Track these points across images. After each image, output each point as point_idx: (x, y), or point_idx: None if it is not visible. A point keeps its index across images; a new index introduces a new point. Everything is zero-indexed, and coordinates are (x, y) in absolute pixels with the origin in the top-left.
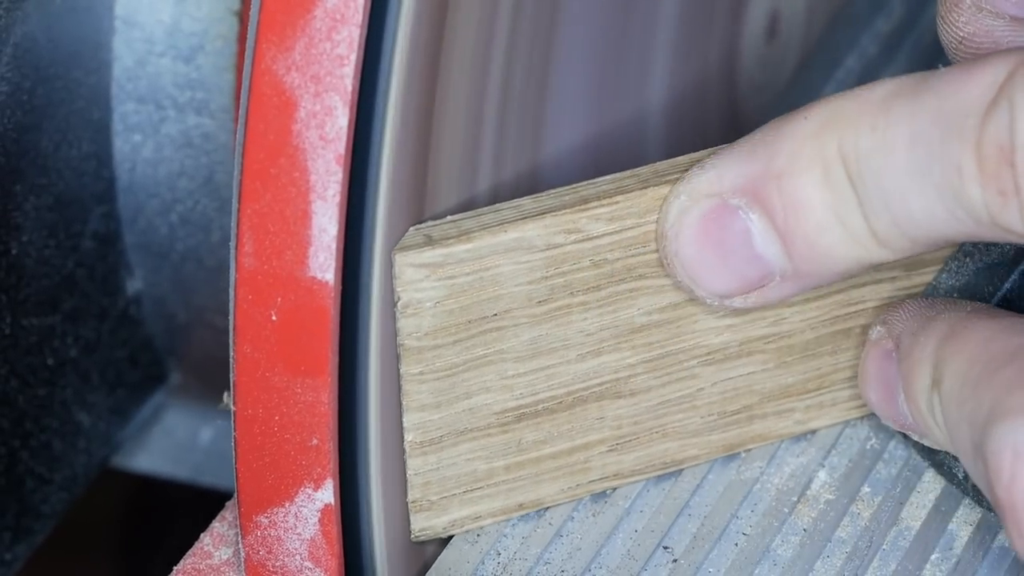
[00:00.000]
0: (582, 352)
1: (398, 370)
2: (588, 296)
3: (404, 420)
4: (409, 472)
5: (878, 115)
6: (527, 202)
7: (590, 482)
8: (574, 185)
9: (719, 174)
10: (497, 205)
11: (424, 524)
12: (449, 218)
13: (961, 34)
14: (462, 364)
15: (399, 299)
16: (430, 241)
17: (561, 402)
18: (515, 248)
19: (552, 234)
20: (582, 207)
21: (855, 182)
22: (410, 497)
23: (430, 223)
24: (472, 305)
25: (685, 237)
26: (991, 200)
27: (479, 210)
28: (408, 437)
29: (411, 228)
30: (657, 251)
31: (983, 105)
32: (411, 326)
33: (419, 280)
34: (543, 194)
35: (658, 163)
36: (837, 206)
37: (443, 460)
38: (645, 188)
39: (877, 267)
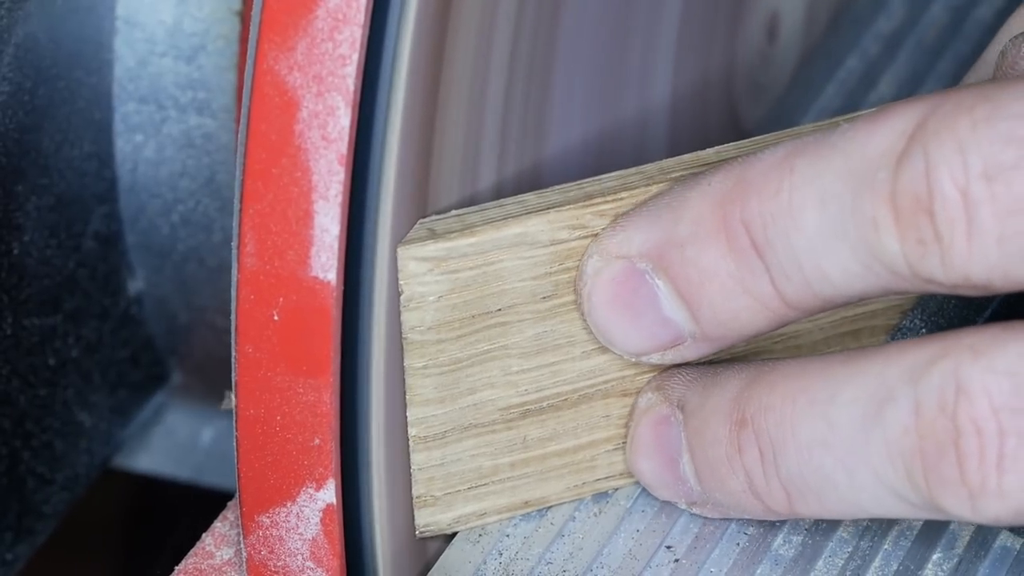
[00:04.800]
0: (587, 349)
1: (402, 364)
2: None
3: (408, 414)
4: (413, 467)
5: (782, 178)
6: (531, 197)
7: (596, 480)
8: (579, 181)
9: (628, 236)
10: (501, 200)
11: (428, 520)
12: (453, 212)
13: None
14: (466, 359)
15: (402, 292)
16: (433, 235)
17: (566, 399)
18: (519, 243)
19: (556, 230)
20: (587, 203)
21: (761, 249)
22: (415, 492)
23: (434, 217)
24: (476, 300)
25: (597, 298)
26: (910, 251)
27: (483, 205)
28: (412, 432)
29: (417, 222)
30: None
31: (894, 156)
32: (414, 320)
33: (422, 274)
34: (548, 190)
35: (664, 160)
36: (742, 275)
37: (447, 456)
38: (650, 185)
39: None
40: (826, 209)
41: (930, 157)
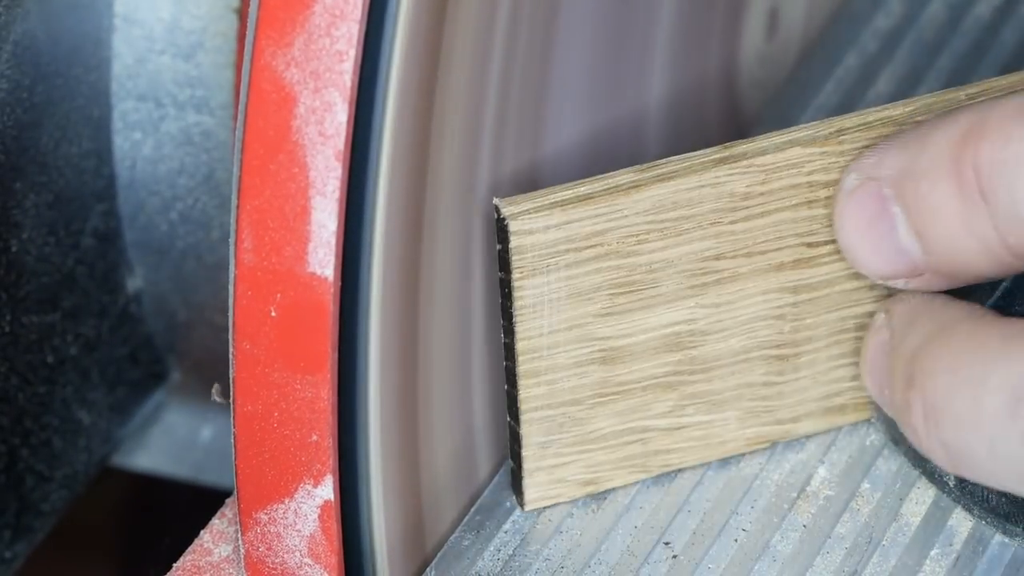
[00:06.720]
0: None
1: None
2: None
3: None
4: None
5: (1014, 126)
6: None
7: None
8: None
9: (881, 159)
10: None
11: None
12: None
13: None
14: None
15: None
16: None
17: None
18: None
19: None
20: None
21: (987, 195)
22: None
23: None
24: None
25: (847, 215)
26: None
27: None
28: None
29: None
30: None
31: None
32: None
33: None
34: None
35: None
36: (969, 217)
37: None
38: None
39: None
40: None
41: None
